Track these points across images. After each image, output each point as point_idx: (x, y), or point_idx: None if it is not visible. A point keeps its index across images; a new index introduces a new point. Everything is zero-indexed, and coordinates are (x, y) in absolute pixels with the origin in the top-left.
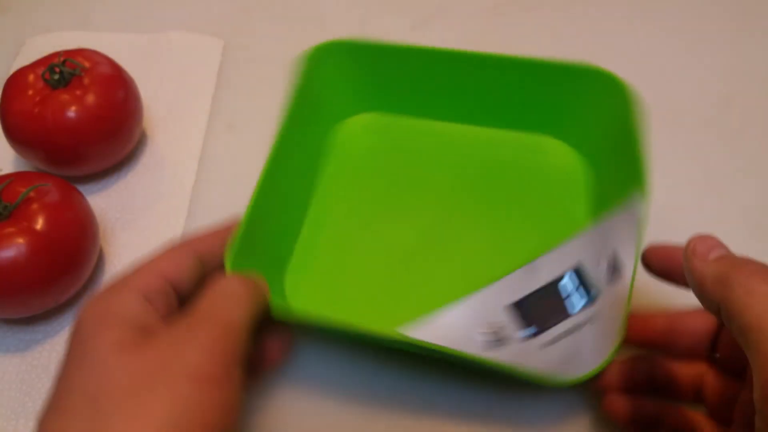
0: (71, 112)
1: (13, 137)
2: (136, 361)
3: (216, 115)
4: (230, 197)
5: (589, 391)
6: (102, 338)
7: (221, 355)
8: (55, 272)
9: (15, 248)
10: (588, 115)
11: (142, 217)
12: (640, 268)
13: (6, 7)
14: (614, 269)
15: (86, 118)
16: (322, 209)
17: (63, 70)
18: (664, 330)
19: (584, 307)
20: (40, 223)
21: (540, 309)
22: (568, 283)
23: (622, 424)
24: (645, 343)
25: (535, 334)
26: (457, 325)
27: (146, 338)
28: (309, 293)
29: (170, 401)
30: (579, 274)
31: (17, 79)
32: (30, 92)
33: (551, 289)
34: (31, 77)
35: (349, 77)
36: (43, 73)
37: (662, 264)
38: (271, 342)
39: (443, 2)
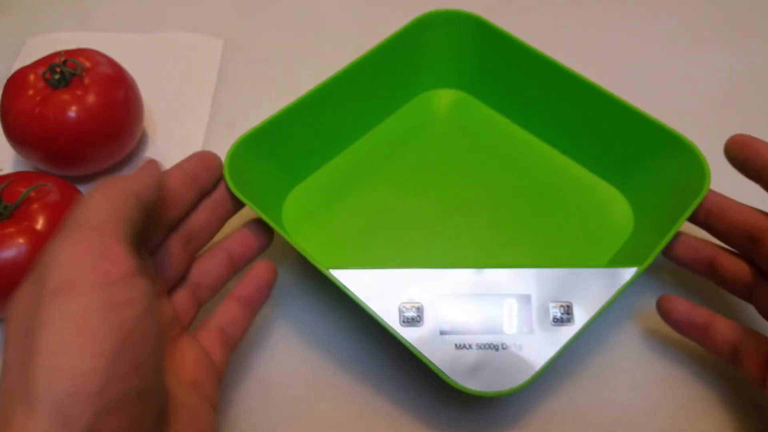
0: (72, 112)
1: (13, 137)
2: (20, 299)
3: (216, 115)
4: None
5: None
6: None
7: (80, 258)
8: None
9: (15, 248)
10: (655, 179)
11: None
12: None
13: (6, 7)
14: (562, 317)
15: (87, 118)
16: (357, 153)
17: (63, 70)
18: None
19: (517, 332)
20: (40, 223)
21: (471, 313)
22: (512, 305)
23: (672, 322)
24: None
25: (452, 333)
26: (390, 287)
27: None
28: (302, 213)
29: (47, 326)
30: (524, 302)
31: (17, 79)
32: (30, 92)
33: (492, 302)
34: (32, 77)
35: (454, 50)
36: (44, 73)
37: (740, 152)
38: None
39: (442, 3)
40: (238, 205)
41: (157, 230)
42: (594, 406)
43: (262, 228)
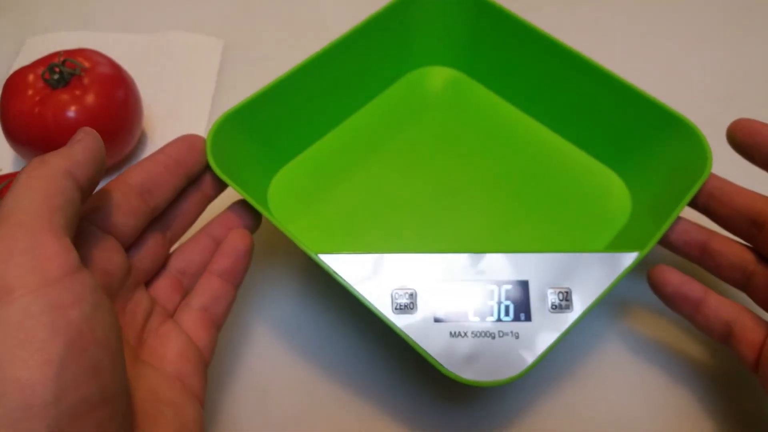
0: (71, 112)
1: (13, 137)
2: None
3: (216, 115)
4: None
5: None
6: None
7: (13, 258)
8: None
9: None
10: (654, 162)
11: None
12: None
13: (6, 7)
14: (561, 304)
15: (86, 118)
16: (347, 132)
17: (63, 70)
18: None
19: (514, 319)
20: None
21: (466, 300)
22: (509, 291)
23: (664, 295)
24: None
25: (447, 320)
26: (382, 272)
27: None
28: (288, 195)
29: None
30: (521, 288)
31: (17, 79)
32: (30, 92)
33: (488, 288)
34: (31, 77)
35: (448, 25)
36: (43, 73)
37: (748, 138)
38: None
39: None
40: (220, 187)
41: (135, 218)
42: (591, 406)
43: (248, 211)
